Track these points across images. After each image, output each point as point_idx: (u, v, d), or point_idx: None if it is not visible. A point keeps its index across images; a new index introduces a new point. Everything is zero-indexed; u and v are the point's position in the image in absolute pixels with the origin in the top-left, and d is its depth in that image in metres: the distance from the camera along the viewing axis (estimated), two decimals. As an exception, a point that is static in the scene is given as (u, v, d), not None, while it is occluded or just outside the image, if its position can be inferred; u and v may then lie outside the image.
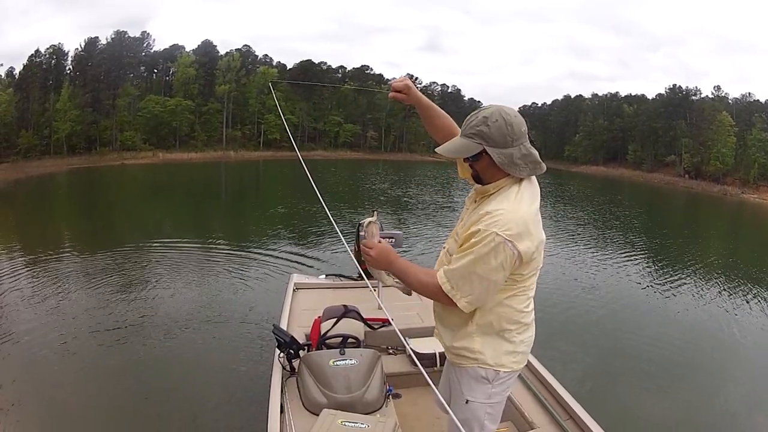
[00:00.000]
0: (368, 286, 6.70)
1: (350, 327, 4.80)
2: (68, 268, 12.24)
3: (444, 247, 2.74)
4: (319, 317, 4.98)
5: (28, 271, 12.04)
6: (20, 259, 13.27)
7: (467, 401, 2.66)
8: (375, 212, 2.76)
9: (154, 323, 8.64)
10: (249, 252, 14.45)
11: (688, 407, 6.84)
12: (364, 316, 5.09)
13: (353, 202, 27.66)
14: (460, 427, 2.01)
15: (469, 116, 2.45)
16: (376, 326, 5.16)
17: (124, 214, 23.92)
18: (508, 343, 2.58)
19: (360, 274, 7.30)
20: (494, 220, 2.32)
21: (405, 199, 27.65)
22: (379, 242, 2.63)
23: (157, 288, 10.78)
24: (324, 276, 7.75)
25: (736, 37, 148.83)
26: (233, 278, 11.60)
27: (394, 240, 6.04)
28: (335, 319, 4.83)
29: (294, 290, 6.47)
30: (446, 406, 2.27)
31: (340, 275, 7.64)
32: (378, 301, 5.91)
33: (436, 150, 2.58)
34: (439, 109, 2.89)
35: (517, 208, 2.36)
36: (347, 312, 4.95)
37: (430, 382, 2.07)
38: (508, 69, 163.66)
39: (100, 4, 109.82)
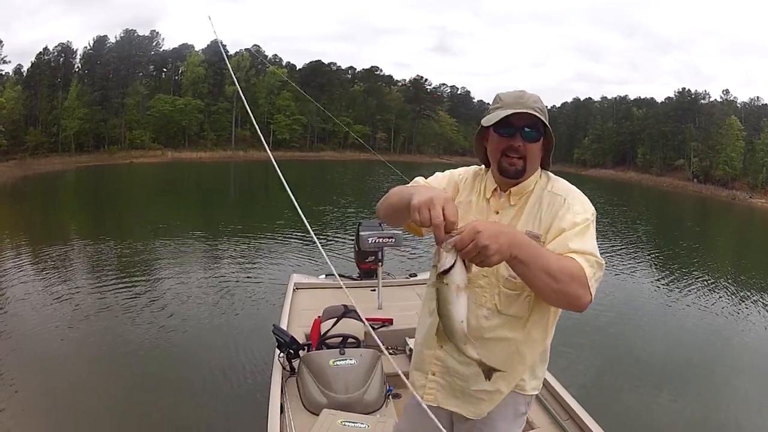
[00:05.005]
0: (368, 286, 6.73)
1: (350, 327, 4.78)
2: (71, 263, 12.36)
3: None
4: (319, 317, 4.99)
5: (34, 264, 12.22)
6: (27, 252, 13.45)
7: None
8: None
9: (153, 322, 8.65)
10: (249, 252, 14.52)
11: (689, 409, 6.79)
12: (364, 317, 5.07)
13: (359, 200, 27.65)
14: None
15: (509, 94, 2.11)
16: (375, 326, 5.14)
17: (130, 212, 24.01)
18: (544, 363, 2.29)
19: (360, 274, 7.33)
20: (582, 199, 2.10)
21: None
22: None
23: (157, 286, 10.86)
24: (324, 276, 7.75)
25: (745, 40, 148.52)
26: (233, 278, 11.61)
27: (393, 239, 5.96)
28: (335, 319, 4.83)
29: (294, 290, 6.49)
30: None
31: (340, 275, 7.63)
32: (378, 301, 5.92)
33: (527, 110, 2.01)
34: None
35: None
36: (347, 312, 4.94)
37: None
38: (518, 71, 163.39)
39: (110, 4, 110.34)
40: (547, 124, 2.05)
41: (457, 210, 1.80)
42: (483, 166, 2.31)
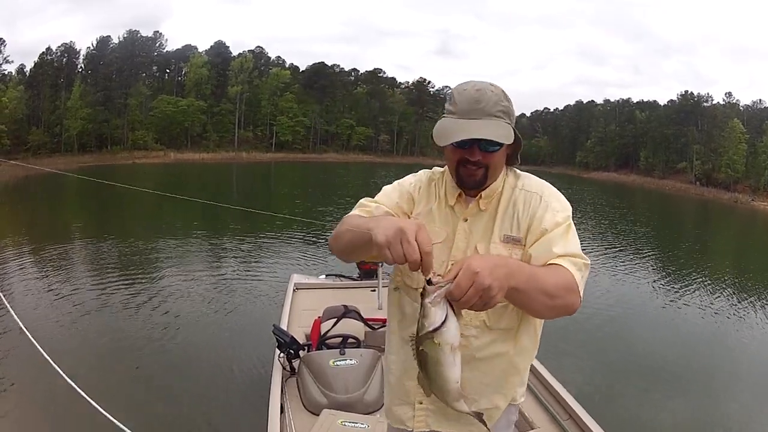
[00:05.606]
0: (368, 287, 6.73)
1: (350, 327, 4.78)
2: (73, 261, 12.39)
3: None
4: (319, 317, 4.98)
5: (36, 262, 12.26)
6: (29, 250, 13.45)
7: None
8: None
9: (153, 321, 8.64)
10: (250, 252, 14.56)
11: (688, 410, 6.78)
12: (364, 317, 5.07)
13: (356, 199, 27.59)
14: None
15: (465, 95, 1.77)
16: (376, 326, 5.13)
17: (132, 211, 24.01)
18: (529, 368, 2.15)
19: (360, 274, 7.33)
20: (558, 195, 1.91)
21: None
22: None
23: (158, 285, 10.85)
24: (324, 276, 7.78)
25: (747, 44, 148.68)
26: (234, 278, 11.64)
27: None
28: (335, 320, 4.82)
29: (294, 290, 6.50)
30: None
31: (340, 275, 7.64)
32: (378, 301, 5.91)
33: (483, 137, 1.73)
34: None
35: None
36: (347, 312, 4.94)
37: None
38: (521, 74, 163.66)
39: (113, 4, 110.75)
40: (513, 126, 1.81)
41: (429, 237, 1.53)
42: (435, 169, 2.10)
